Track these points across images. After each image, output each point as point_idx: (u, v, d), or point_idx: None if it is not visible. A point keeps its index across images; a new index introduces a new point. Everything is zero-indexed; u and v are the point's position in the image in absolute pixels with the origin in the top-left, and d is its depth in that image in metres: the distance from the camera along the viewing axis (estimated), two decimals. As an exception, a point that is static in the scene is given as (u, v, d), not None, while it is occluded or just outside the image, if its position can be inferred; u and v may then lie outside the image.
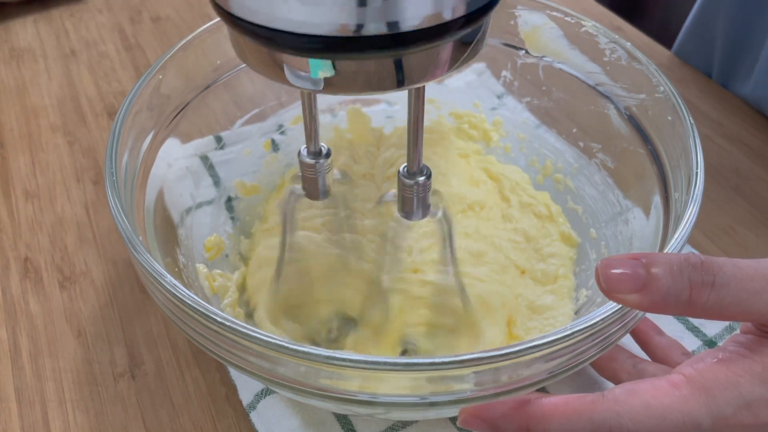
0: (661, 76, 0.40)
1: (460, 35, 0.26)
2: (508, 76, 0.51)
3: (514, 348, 0.27)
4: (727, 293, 0.27)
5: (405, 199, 0.35)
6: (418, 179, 0.34)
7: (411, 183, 0.35)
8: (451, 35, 0.26)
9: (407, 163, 0.34)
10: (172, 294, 0.30)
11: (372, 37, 0.24)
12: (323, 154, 0.37)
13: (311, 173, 0.38)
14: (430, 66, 0.27)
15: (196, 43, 0.44)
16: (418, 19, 0.24)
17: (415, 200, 0.35)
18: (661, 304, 0.27)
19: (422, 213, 0.36)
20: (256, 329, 0.29)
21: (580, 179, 0.48)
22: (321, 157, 0.37)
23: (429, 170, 0.35)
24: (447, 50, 0.27)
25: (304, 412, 0.40)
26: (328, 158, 0.38)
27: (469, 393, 0.29)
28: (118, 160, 0.37)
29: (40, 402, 0.42)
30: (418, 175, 0.34)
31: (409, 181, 0.35)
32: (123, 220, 0.34)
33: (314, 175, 0.38)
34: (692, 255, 0.28)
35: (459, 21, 0.25)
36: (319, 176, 0.38)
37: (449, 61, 0.27)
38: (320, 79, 0.26)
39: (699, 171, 0.35)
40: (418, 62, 0.26)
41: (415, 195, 0.35)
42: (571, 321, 0.43)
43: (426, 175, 0.35)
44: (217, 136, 0.49)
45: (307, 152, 0.37)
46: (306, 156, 0.37)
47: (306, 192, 0.39)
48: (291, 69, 0.27)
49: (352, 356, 0.27)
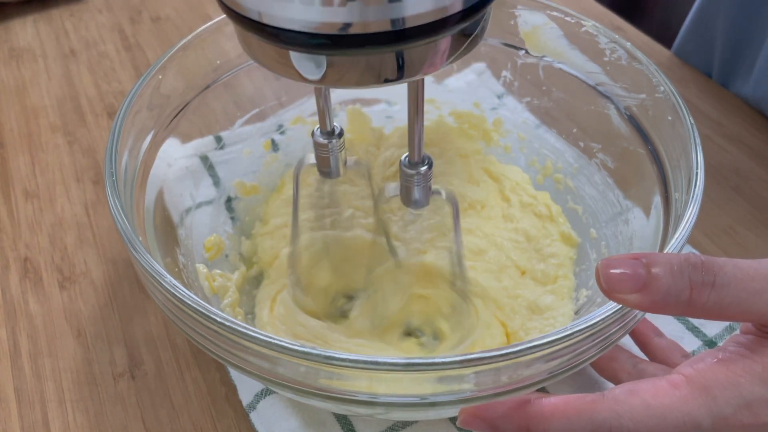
0: (662, 76, 0.40)
1: (462, 27, 0.27)
2: (508, 76, 0.51)
3: (515, 348, 0.27)
4: (727, 293, 0.27)
5: (408, 188, 0.36)
6: (420, 169, 0.35)
7: (413, 173, 0.35)
8: (453, 28, 0.26)
9: (409, 153, 0.35)
10: (171, 294, 0.30)
11: (373, 35, 0.25)
12: (336, 134, 0.38)
13: (324, 152, 0.39)
14: (431, 58, 0.27)
15: (195, 43, 0.44)
16: (420, 15, 0.25)
17: (417, 189, 0.36)
18: (661, 304, 0.27)
19: (425, 202, 0.37)
20: (255, 329, 0.29)
21: (580, 179, 0.48)
22: (334, 136, 0.38)
23: (431, 160, 0.35)
24: (446, 42, 0.27)
25: (304, 412, 0.40)
26: (340, 138, 0.38)
27: (469, 393, 0.29)
28: (117, 160, 0.37)
29: (40, 402, 0.42)
30: (420, 165, 0.35)
31: (411, 171, 0.35)
32: (123, 220, 0.34)
33: (327, 154, 0.39)
34: (692, 255, 0.28)
35: (458, 15, 0.26)
36: (332, 155, 0.39)
37: (448, 52, 0.28)
38: (325, 73, 0.27)
39: (699, 171, 0.35)
40: (419, 55, 0.27)
41: (417, 184, 0.36)
42: (571, 321, 0.43)
43: (428, 164, 0.35)
44: (217, 136, 0.49)
45: (320, 132, 0.38)
46: (319, 136, 0.38)
47: (320, 171, 0.40)
48: (296, 64, 0.27)
49: (352, 356, 0.27)
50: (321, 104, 0.36)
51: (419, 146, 0.34)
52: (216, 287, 0.43)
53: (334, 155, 0.39)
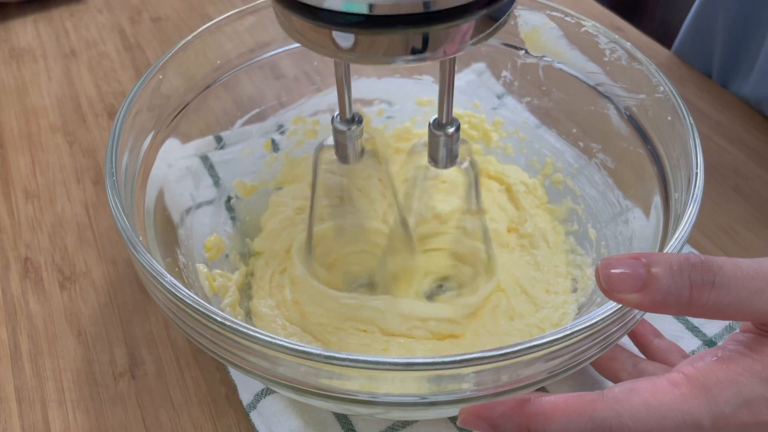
0: (661, 76, 0.40)
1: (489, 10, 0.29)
2: (508, 76, 0.51)
3: (514, 348, 0.27)
4: (727, 293, 0.27)
5: (434, 149, 0.38)
6: (447, 130, 0.37)
7: (440, 134, 0.37)
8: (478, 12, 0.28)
9: (437, 115, 0.37)
10: (172, 294, 0.30)
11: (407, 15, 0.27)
12: (355, 121, 0.40)
13: (343, 139, 0.40)
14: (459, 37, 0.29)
15: (196, 44, 0.44)
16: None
17: (444, 150, 0.38)
18: (661, 304, 0.27)
19: (450, 162, 0.39)
20: (256, 329, 0.29)
21: (580, 179, 0.48)
22: (353, 123, 0.39)
23: (458, 122, 0.37)
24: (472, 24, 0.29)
25: (304, 412, 0.40)
26: (359, 125, 0.40)
27: (469, 393, 0.29)
28: (118, 160, 0.37)
29: (40, 402, 0.42)
30: (448, 127, 0.37)
31: (439, 132, 0.37)
32: (123, 221, 0.34)
33: (346, 141, 0.40)
34: (692, 255, 0.28)
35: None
36: (351, 142, 0.40)
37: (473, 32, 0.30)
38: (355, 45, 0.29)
39: (699, 171, 0.35)
40: (445, 35, 0.29)
41: (444, 145, 0.38)
42: (572, 321, 0.43)
43: (455, 126, 0.37)
44: (217, 136, 0.49)
45: (340, 119, 0.39)
46: (339, 123, 0.39)
47: (338, 156, 0.41)
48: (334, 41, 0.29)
49: (352, 356, 0.27)
50: (342, 92, 0.38)
51: (448, 109, 0.36)
52: (216, 287, 0.43)
53: (353, 141, 0.40)
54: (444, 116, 0.37)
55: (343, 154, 0.41)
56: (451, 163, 0.39)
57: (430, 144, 0.39)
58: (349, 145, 0.40)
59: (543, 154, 0.51)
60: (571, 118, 0.49)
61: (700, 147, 0.36)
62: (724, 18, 0.62)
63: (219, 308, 0.42)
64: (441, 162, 0.39)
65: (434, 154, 0.39)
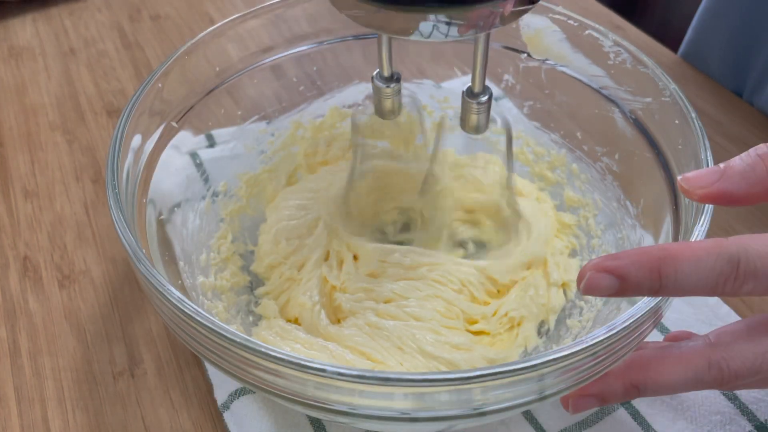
0: (667, 79, 0.40)
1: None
2: (510, 80, 0.51)
3: (509, 367, 0.28)
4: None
5: (468, 117, 0.40)
6: (480, 98, 0.39)
7: (473, 102, 0.39)
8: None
9: (471, 84, 0.39)
10: (180, 310, 0.30)
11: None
12: (394, 78, 0.42)
13: (382, 95, 0.43)
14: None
15: (198, 48, 0.44)
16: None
17: (478, 118, 0.40)
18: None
19: (484, 128, 0.41)
20: (258, 342, 0.28)
21: (584, 183, 0.48)
22: (392, 81, 0.42)
23: (491, 91, 0.40)
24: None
25: (277, 413, 0.39)
26: (398, 82, 0.42)
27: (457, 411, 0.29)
28: (119, 171, 0.36)
29: (40, 401, 0.42)
30: (481, 95, 0.39)
31: (472, 101, 0.39)
32: (127, 234, 0.33)
33: (381, 97, 0.43)
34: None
35: None
36: (387, 99, 0.43)
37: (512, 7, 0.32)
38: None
39: None
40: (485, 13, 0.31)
41: (478, 113, 0.40)
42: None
43: (488, 94, 0.39)
44: (215, 136, 0.49)
45: (380, 77, 0.42)
46: (379, 80, 0.42)
47: (377, 112, 0.44)
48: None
49: (353, 371, 0.27)
50: (383, 52, 0.40)
51: (481, 79, 0.38)
52: (216, 287, 0.43)
53: (391, 98, 0.43)
54: (477, 85, 0.39)
55: (382, 110, 0.43)
56: (485, 127, 0.41)
57: (463, 112, 0.41)
58: (387, 101, 0.43)
59: (544, 156, 0.51)
60: (574, 122, 0.49)
61: (710, 151, 0.36)
62: (731, 20, 0.61)
63: (219, 308, 0.42)
64: (476, 129, 0.41)
65: (469, 122, 0.41)
